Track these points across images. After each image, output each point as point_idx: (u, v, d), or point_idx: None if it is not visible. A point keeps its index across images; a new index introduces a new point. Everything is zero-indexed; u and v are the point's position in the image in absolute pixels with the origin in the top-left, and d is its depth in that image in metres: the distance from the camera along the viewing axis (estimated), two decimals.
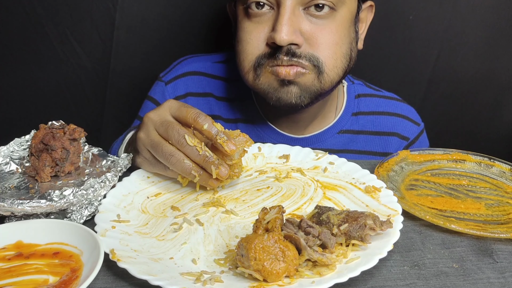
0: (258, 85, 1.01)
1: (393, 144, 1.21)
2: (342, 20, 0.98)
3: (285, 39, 0.92)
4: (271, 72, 0.98)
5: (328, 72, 0.98)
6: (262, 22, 0.97)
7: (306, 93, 0.99)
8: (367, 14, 1.09)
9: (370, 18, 1.11)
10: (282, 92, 0.99)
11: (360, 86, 1.25)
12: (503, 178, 0.96)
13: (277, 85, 0.99)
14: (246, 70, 1.01)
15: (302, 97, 0.99)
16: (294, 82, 0.97)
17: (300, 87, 0.98)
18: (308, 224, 0.67)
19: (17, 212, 0.72)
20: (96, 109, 1.50)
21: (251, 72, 1.00)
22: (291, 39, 0.93)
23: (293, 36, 0.93)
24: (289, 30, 0.92)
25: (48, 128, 0.81)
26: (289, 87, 0.98)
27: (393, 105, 1.23)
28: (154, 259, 0.67)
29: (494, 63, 1.47)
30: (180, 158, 0.80)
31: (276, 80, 0.98)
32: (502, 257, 0.72)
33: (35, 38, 1.39)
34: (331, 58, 0.98)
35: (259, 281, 0.61)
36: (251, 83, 1.02)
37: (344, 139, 1.19)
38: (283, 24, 0.92)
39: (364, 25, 1.10)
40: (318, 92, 1.00)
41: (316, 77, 0.98)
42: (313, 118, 1.15)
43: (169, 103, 0.84)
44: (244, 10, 0.99)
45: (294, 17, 0.94)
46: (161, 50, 1.46)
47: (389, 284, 0.65)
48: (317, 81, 0.98)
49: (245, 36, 1.00)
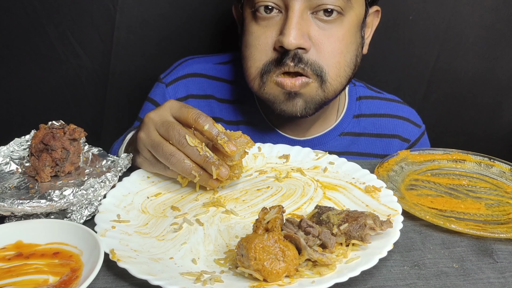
0: (264, 94, 1.01)
1: (394, 146, 1.20)
2: (350, 25, 0.98)
3: (293, 43, 0.91)
4: (276, 83, 0.97)
5: (331, 81, 0.98)
6: (270, 26, 0.97)
7: (311, 104, 1.00)
8: (373, 19, 1.09)
9: (376, 23, 1.10)
10: (288, 105, 0.99)
11: (362, 88, 1.24)
12: (503, 178, 0.96)
13: (283, 97, 0.99)
14: (253, 77, 1.01)
15: (307, 109, 1.00)
16: (299, 94, 0.98)
17: (305, 99, 0.98)
18: (308, 224, 0.67)
19: (17, 212, 0.72)
20: (96, 109, 1.50)
21: (257, 79, 1.00)
22: (299, 43, 0.92)
23: (301, 40, 0.92)
24: (297, 34, 0.91)
25: (48, 128, 0.81)
26: (295, 100, 0.98)
27: (394, 107, 1.23)
28: (154, 259, 0.67)
29: (494, 63, 1.47)
30: (181, 158, 0.80)
31: (282, 93, 0.98)
32: (502, 257, 0.72)
33: (35, 38, 1.39)
34: (335, 67, 0.97)
35: (259, 281, 0.61)
36: (256, 90, 1.02)
37: (346, 141, 1.19)
38: (292, 28, 0.91)
39: (370, 29, 1.10)
40: (322, 102, 1.01)
41: (319, 86, 0.98)
42: (315, 121, 1.15)
43: (170, 103, 0.84)
44: (252, 13, 0.98)
45: (303, 21, 0.93)
46: (162, 51, 1.45)
47: (389, 284, 0.65)
48: (320, 91, 0.98)
49: (253, 41, 0.99)
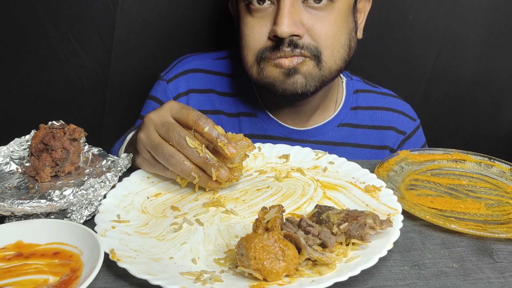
0: (263, 79, 1.03)
1: (390, 137, 1.23)
2: (340, 11, 1.01)
3: (286, 31, 0.95)
4: (274, 65, 1.00)
5: (326, 60, 1.01)
6: (264, 17, 1.00)
7: (311, 81, 1.02)
8: (365, 4, 1.12)
9: (368, 8, 1.13)
10: (288, 83, 1.01)
11: (358, 82, 1.27)
12: (503, 178, 0.96)
13: (283, 77, 1.01)
14: (250, 64, 1.04)
15: (307, 86, 1.02)
16: (298, 71, 1.00)
17: (304, 75, 1.01)
18: (308, 223, 0.67)
19: (17, 212, 0.72)
20: (96, 109, 1.50)
21: (255, 66, 1.03)
22: (292, 31, 0.95)
23: (294, 28, 0.95)
24: (289, 22, 0.95)
25: (48, 128, 0.81)
26: (294, 77, 1.00)
27: (390, 101, 1.26)
28: (154, 259, 0.67)
29: (493, 63, 1.47)
30: (180, 159, 0.80)
31: (281, 72, 1.00)
32: (502, 257, 0.72)
33: (35, 38, 1.39)
34: (329, 48, 1.01)
35: (259, 280, 0.61)
36: (255, 77, 1.05)
37: (344, 132, 1.21)
38: (284, 17, 0.95)
39: (362, 15, 1.12)
40: (321, 79, 1.03)
41: (316, 65, 1.00)
42: (314, 111, 1.17)
43: (170, 104, 0.84)
44: (246, 6, 1.02)
45: (294, 10, 0.96)
46: (161, 50, 1.46)
47: (389, 284, 0.65)
48: (317, 68, 1.01)
49: (248, 31, 1.02)
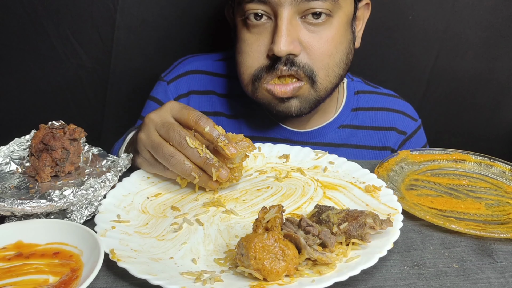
0: (258, 99, 1.04)
1: (391, 138, 1.22)
2: (339, 25, 1.00)
3: (283, 50, 0.94)
4: (267, 90, 1.00)
5: (320, 81, 1.00)
6: (262, 34, 0.98)
7: (306, 104, 1.02)
8: (364, 12, 1.11)
9: (367, 15, 1.12)
10: (282, 107, 1.02)
11: (359, 83, 1.27)
12: (503, 178, 0.96)
13: (276, 101, 1.02)
14: (246, 83, 1.04)
15: (302, 108, 1.02)
16: (292, 97, 1.00)
17: (299, 99, 1.01)
18: (308, 223, 0.67)
19: (17, 212, 0.72)
20: (96, 109, 1.50)
21: (250, 85, 1.03)
22: (289, 50, 0.94)
23: (291, 47, 0.94)
24: (287, 41, 0.94)
25: (48, 128, 0.81)
26: (289, 102, 1.01)
27: (391, 101, 1.26)
28: (154, 259, 0.67)
29: (493, 63, 1.47)
30: (180, 160, 0.80)
31: (274, 98, 1.01)
32: (502, 257, 0.72)
33: (35, 38, 1.39)
34: (324, 69, 1.00)
35: (259, 280, 0.61)
36: (250, 95, 1.05)
37: (345, 134, 1.20)
38: (282, 36, 0.93)
39: (361, 22, 1.11)
40: (316, 100, 1.03)
41: (311, 87, 1.00)
42: (314, 113, 1.16)
43: (171, 104, 0.84)
44: (243, 21, 1.00)
45: (292, 27, 0.95)
46: (161, 50, 1.46)
47: (389, 284, 0.65)
48: (312, 90, 1.01)
49: (246, 48, 1.01)
